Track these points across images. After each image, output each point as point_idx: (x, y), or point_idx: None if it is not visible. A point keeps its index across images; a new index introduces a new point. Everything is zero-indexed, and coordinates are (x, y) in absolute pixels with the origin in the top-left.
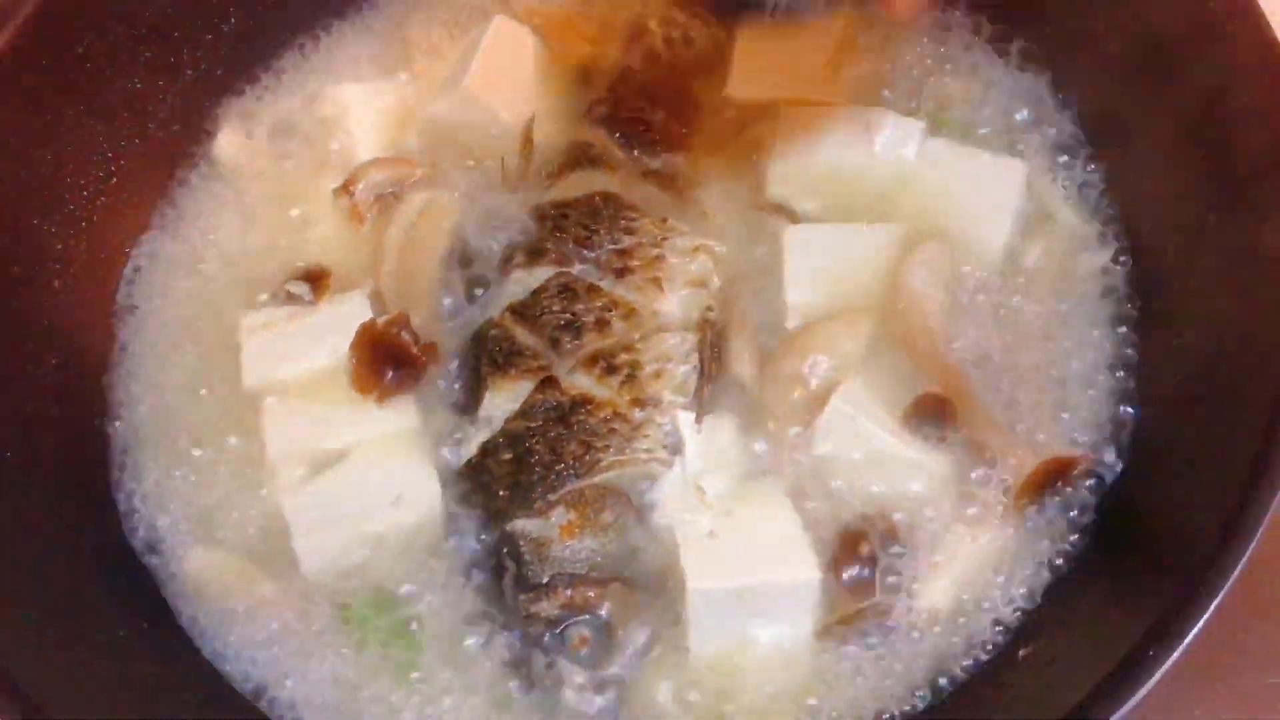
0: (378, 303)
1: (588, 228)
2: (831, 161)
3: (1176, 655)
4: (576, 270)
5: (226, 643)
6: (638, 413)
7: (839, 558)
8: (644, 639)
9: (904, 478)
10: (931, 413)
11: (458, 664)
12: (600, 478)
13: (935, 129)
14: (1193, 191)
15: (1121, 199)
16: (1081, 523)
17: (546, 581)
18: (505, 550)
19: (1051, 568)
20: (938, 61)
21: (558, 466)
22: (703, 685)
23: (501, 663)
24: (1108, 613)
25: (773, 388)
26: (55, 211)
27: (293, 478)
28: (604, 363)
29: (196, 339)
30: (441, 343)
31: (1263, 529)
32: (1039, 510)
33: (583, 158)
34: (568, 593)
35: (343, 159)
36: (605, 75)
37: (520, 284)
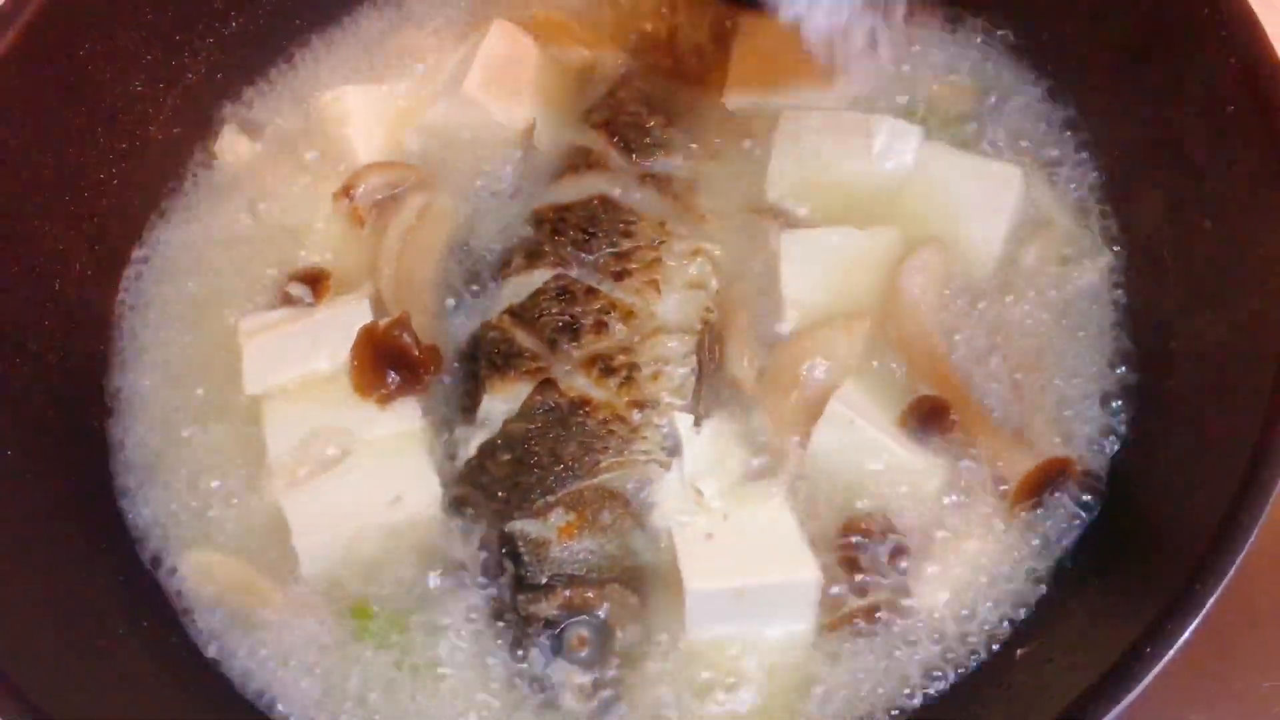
0: (377, 305)
1: (586, 231)
2: (829, 166)
3: (1173, 653)
4: (575, 273)
5: (227, 643)
6: (636, 414)
7: (837, 558)
8: (642, 640)
9: (901, 479)
10: (928, 415)
11: (456, 664)
12: (599, 479)
13: (933, 134)
14: (1189, 195)
15: (1118, 202)
16: (1078, 524)
17: (545, 582)
18: (504, 551)
19: (1048, 568)
20: (936, 67)
21: (557, 468)
22: (700, 685)
23: (500, 663)
24: (1105, 612)
25: (770, 390)
26: (57, 212)
27: (293, 478)
28: (602, 364)
29: (197, 341)
30: (441, 345)
31: (1258, 530)
32: (1036, 511)
33: (581, 162)
34: (566, 593)
35: (342, 162)
36: (604, 80)
37: (519, 286)
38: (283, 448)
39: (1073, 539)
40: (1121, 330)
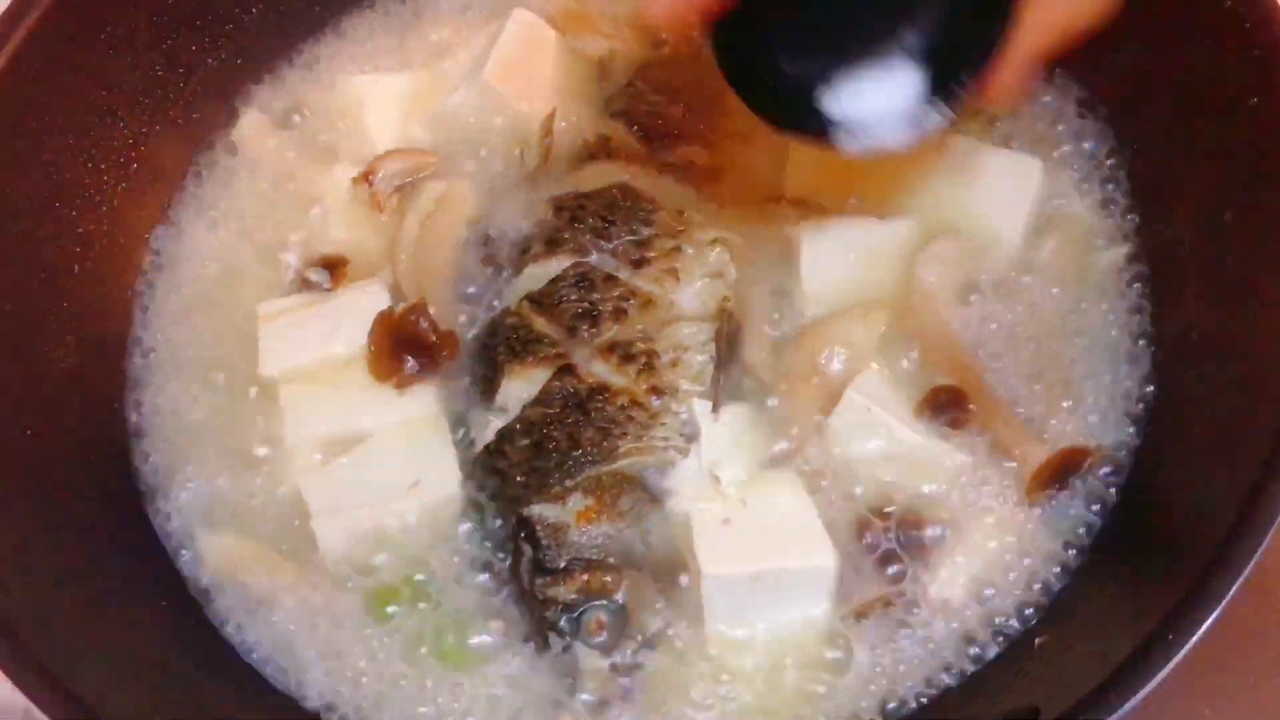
0: (395, 291)
1: (605, 219)
2: (848, 157)
3: (1194, 641)
4: (594, 260)
5: (244, 622)
6: (655, 401)
7: (854, 545)
8: (659, 624)
9: (919, 468)
10: (945, 404)
11: (474, 646)
12: (617, 465)
13: (954, 126)
14: (1210, 188)
15: (1137, 194)
16: (1096, 513)
17: (563, 566)
18: (522, 535)
19: (1067, 557)
20: None
21: (575, 453)
22: (717, 669)
23: (517, 645)
24: (1124, 601)
25: (788, 378)
26: (77, 195)
27: (311, 461)
28: (621, 351)
29: (215, 325)
30: (458, 331)
31: None
32: (1054, 500)
33: (600, 151)
34: (584, 577)
35: (362, 149)
36: (624, 70)
37: (537, 274)
38: (300, 431)
39: (1091, 528)
40: (1140, 321)
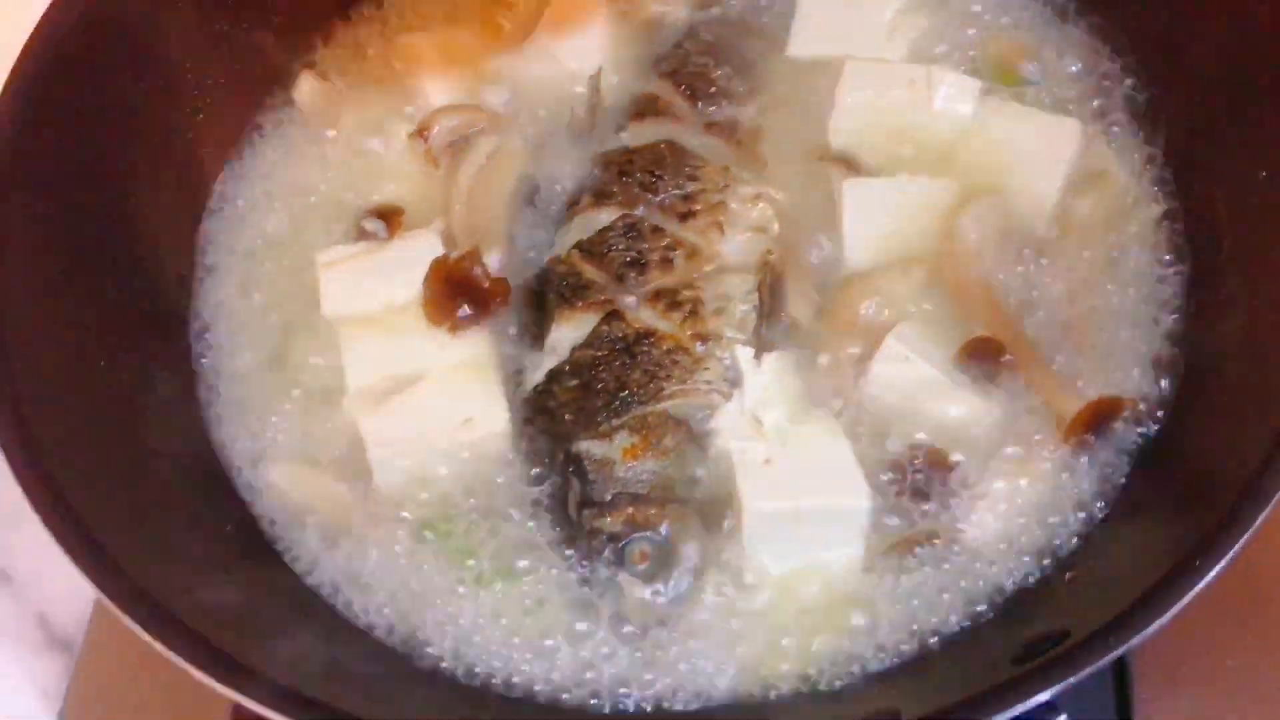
0: (448, 241)
1: (653, 174)
2: (890, 117)
3: (1223, 565)
4: (641, 213)
5: (302, 548)
6: (699, 346)
7: (892, 487)
8: (700, 556)
9: (955, 415)
10: (983, 355)
11: (523, 575)
12: (662, 405)
13: (993, 88)
14: (1245, 146)
15: (1174, 154)
16: (1125, 461)
17: (610, 499)
18: (570, 469)
19: (1098, 501)
20: (996, 21)
21: (622, 394)
22: (756, 602)
23: (564, 577)
24: (1153, 537)
25: (829, 328)
26: (143, 144)
27: (369, 399)
28: (667, 299)
29: (276, 271)
30: (510, 278)
31: None
32: (1087, 448)
33: (648, 109)
34: (630, 510)
35: (417, 106)
36: (671, 31)
37: (586, 224)
38: (359, 372)
39: (1123, 474)
40: (1174, 277)
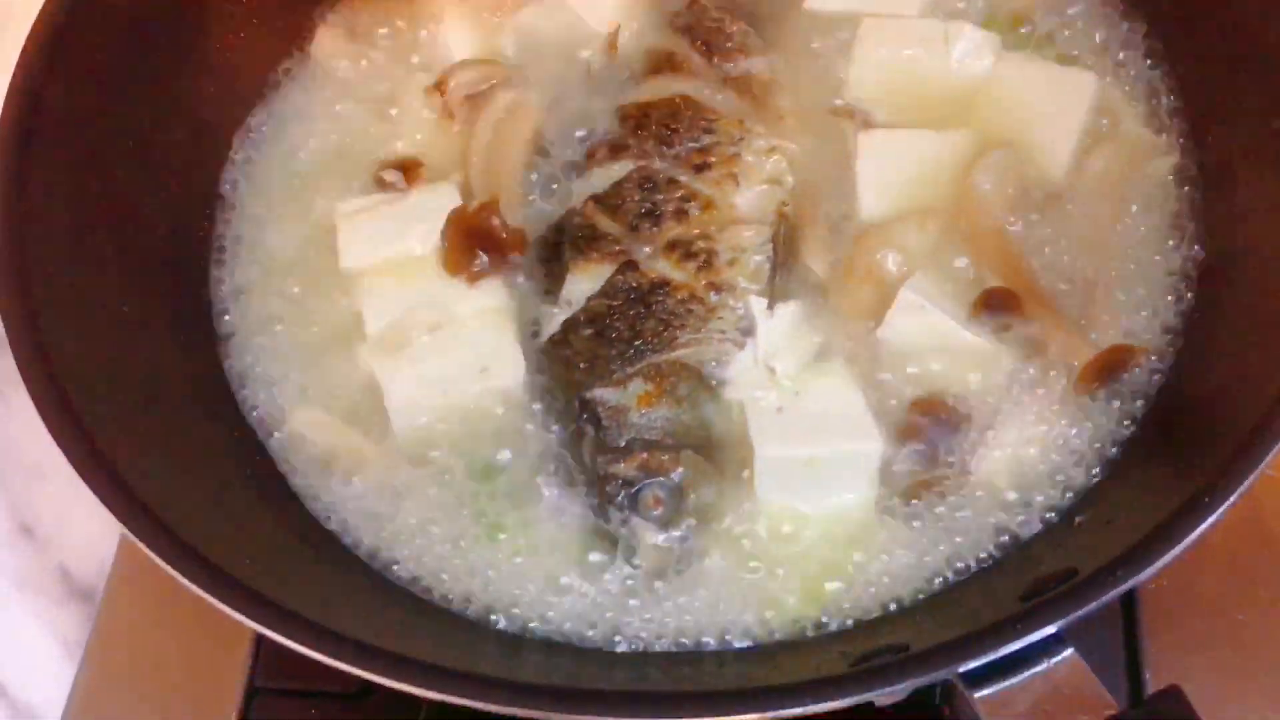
0: (466, 193)
1: (668, 127)
2: (907, 70)
3: (1230, 503)
4: (657, 165)
5: (322, 492)
6: (713, 296)
7: (902, 433)
8: (713, 502)
9: (968, 364)
10: (997, 305)
11: (539, 520)
12: (676, 354)
13: (1010, 41)
14: (1258, 97)
15: (1188, 106)
16: (1137, 407)
17: (624, 445)
18: (585, 416)
19: (1107, 447)
20: None
21: (636, 342)
22: (769, 545)
23: (578, 522)
24: (1162, 481)
25: (844, 279)
26: (162, 98)
27: (387, 348)
28: (682, 249)
29: (296, 221)
30: (526, 229)
31: None
32: (1097, 396)
33: (665, 64)
34: (643, 455)
35: (435, 60)
36: None
37: (602, 176)
38: (377, 320)
39: (1134, 420)
40: (1187, 227)
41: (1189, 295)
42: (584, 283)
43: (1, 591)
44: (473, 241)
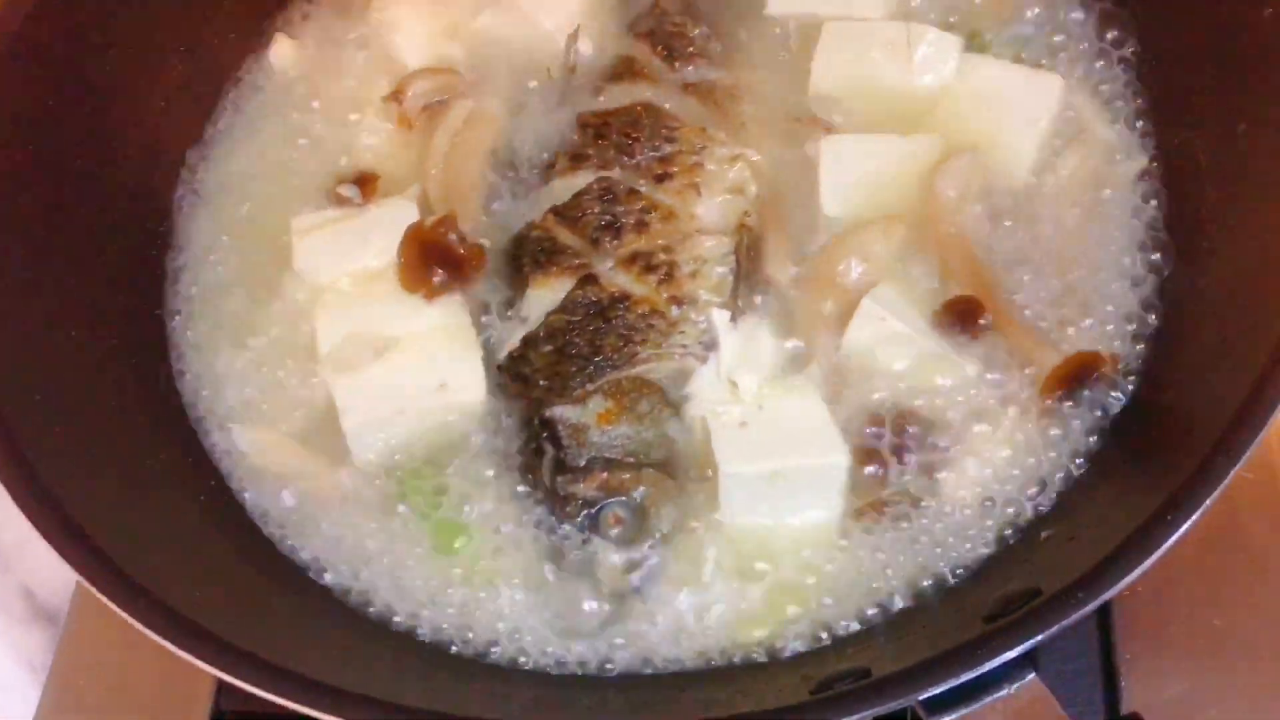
0: (424, 206)
1: (629, 136)
2: (870, 74)
3: (1192, 521)
4: (617, 175)
5: (279, 517)
6: (675, 310)
7: (867, 447)
8: (675, 521)
9: (933, 375)
10: (961, 314)
11: (497, 541)
12: (637, 370)
13: (973, 44)
14: (1224, 101)
15: (1155, 108)
16: (1103, 418)
17: (584, 464)
18: (545, 435)
19: (1073, 459)
20: None
21: (596, 358)
22: (732, 564)
23: (539, 541)
24: (1128, 495)
25: (806, 289)
26: (117, 111)
27: (343, 366)
28: (643, 262)
29: (251, 237)
30: (485, 243)
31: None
32: (1064, 404)
33: (625, 71)
34: (604, 475)
35: (392, 68)
36: None
37: (562, 188)
38: (333, 338)
39: (1099, 430)
40: (1154, 234)
41: (1156, 302)
42: (543, 297)
43: None
44: (430, 257)
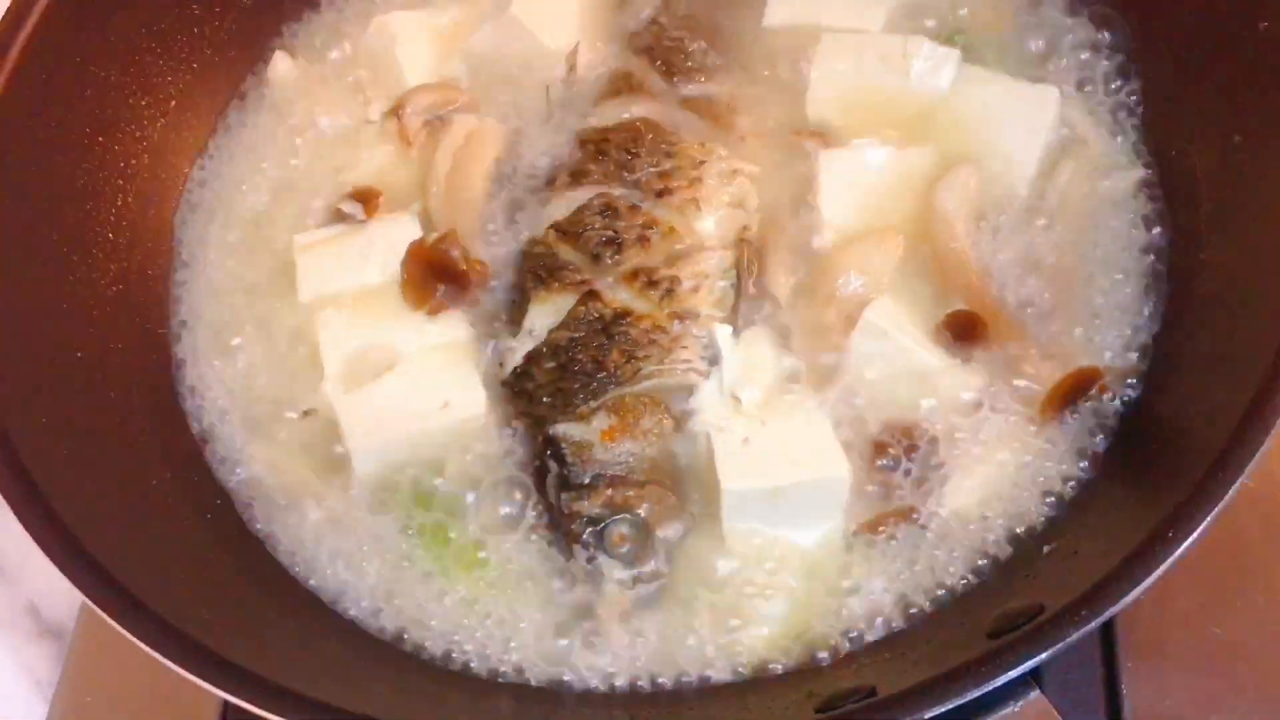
0: (426, 222)
1: (629, 151)
2: (867, 87)
3: (1195, 537)
4: (618, 191)
5: (284, 535)
6: (677, 325)
7: (869, 462)
8: (680, 537)
9: (933, 389)
10: (961, 327)
11: (502, 559)
12: (640, 386)
13: (970, 56)
14: (1221, 111)
15: (1151, 119)
16: (1104, 432)
17: (588, 481)
18: (549, 452)
19: (1075, 472)
20: None
21: (600, 375)
22: (735, 581)
23: (544, 559)
24: (1130, 509)
25: (807, 304)
26: (118, 130)
27: (346, 383)
28: (644, 278)
29: (253, 255)
30: (487, 260)
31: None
32: (1065, 419)
33: (624, 85)
34: (608, 492)
35: (392, 85)
36: (646, 5)
37: (563, 204)
38: (336, 355)
39: (1100, 445)
40: (1152, 244)
41: (1155, 315)
42: (546, 313)
43: None
44: (433, 274)
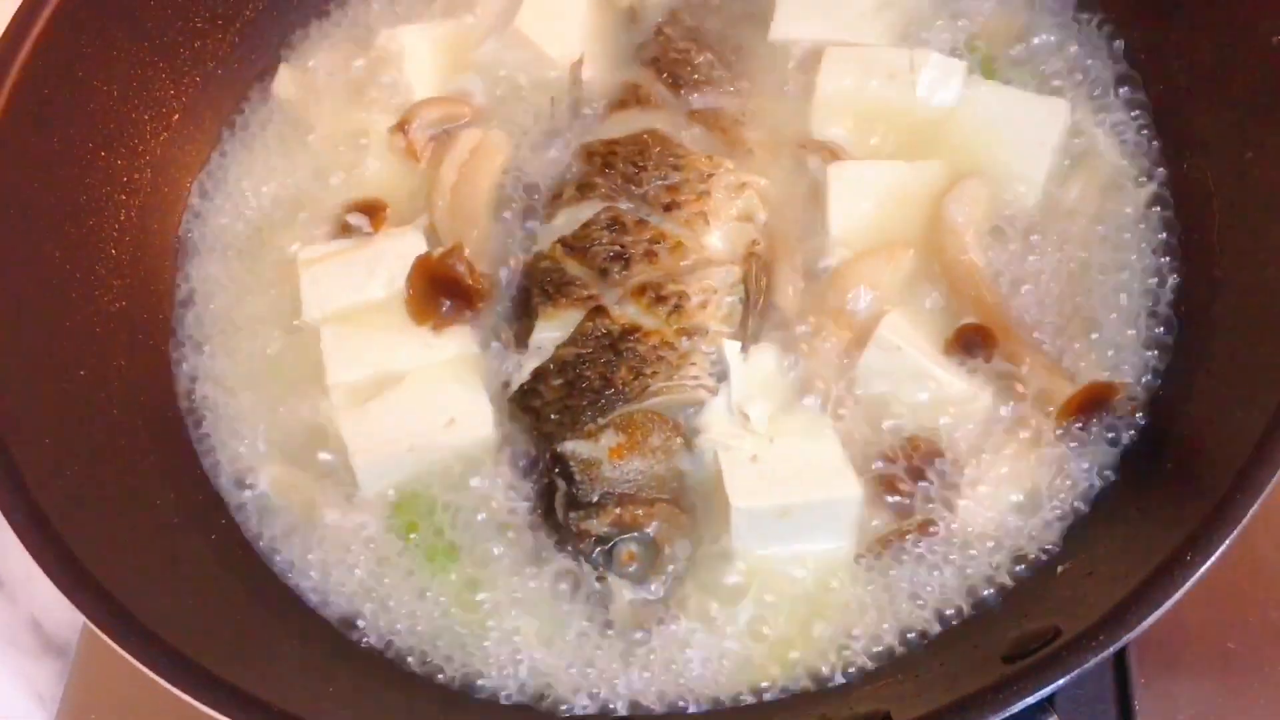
0: (432, 236)
1: (636, 164)
2: (874, 100)
3: (1212, 561)
4: (625, 205)
5: (288, 554)
6: (685, 341)
7: (880, 479)
8: (689, 556)
9: (946, 404)
10: (972, 342)
11: (509, 579)
12: (648, 403)
13: (978, 68)
14: (1232, 127)
15: (1162, 134)
16: (1117, 448)
17: (596, 500)
18: (556, 470)
19: (1090, 489)
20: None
21: (608, 391)
22: (744, 601)
23: (552, 577)
24: (1145, 528)
25: (817, 318)
26: (121, 145)
27: (351, 400)
28: (652, 293)
29: (258, 269)
30: (493, 274)
31: None
32: (1078, 435)
33: (631, 98)
34: (617, 511)
35: (398, 98)
36: (652, 17)
37: (570, 218)
38: (341, 371)
39: (1114, 461)
40: (1165, 259)
41: (1169, 329)
42: (553, 329)
43: None
44: (438, 288)
